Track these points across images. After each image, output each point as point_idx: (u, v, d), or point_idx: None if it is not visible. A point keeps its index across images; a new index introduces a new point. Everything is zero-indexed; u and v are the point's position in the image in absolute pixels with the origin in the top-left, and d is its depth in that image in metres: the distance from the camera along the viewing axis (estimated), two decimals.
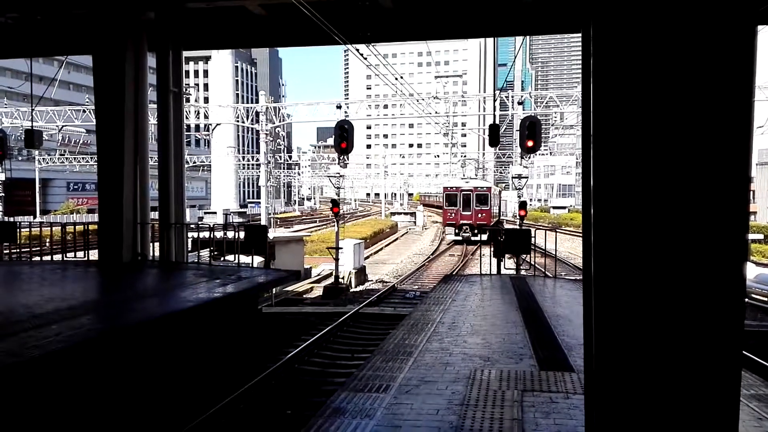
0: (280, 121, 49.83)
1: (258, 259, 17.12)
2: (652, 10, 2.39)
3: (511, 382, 6.34)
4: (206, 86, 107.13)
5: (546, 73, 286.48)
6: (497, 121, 17.91)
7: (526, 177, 38.36)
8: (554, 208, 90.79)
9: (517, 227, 19.11)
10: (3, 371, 6.51)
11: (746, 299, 15.98)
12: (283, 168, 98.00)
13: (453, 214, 44.56)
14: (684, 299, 2.41)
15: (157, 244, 16.54)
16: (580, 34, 2.82)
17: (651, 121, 2.41)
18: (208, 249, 18.78)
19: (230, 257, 17.58)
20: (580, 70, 2.81)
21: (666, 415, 2.46)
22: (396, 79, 30.16)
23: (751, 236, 30.02)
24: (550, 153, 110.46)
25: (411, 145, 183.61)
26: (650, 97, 2.41)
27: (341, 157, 20.52)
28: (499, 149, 76.96)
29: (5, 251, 18.97)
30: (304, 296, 22.22)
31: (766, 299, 16.15)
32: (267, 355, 11.59)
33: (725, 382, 2.42)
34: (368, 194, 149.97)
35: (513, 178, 37.69)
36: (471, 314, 10.15)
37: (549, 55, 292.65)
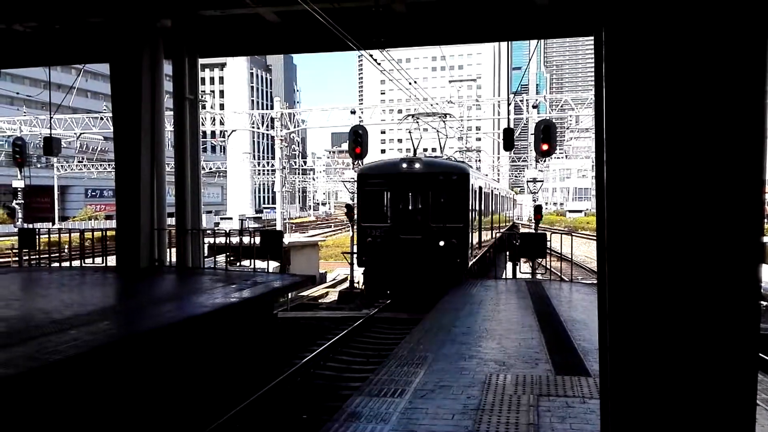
0: (294, 127, 50.09)
1: (273, 264, 17.21)
2: (664, 15, 2.39)
3: (527, 387, 6.31)
4: (222, 93, 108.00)
5: (561, 76, 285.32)
6: (512, 125, 17.87)
7: (542, 181, 38.08)
8: (570, 211, 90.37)
9: (532, 231, 19.05)
10: (22, 376, 6.60)
11: (764, 302, 15.78)
12: (298, 173, 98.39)
13: (376, 238, 16.86)
14: (698, 303, 2.40)
15: (174, 250, 16.67)
16: (593, 38, 2.82)
17: (663, 125, 2.41)
18: (225, 254, 18.90)
19: (246, 262, 17.67)
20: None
21: (681, 419, 2.45)
22: (410, 83, 30.18)
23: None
24: (566, 156, 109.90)
25: (425, 150, 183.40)
26: (662, 101, 2.41)
27: (356, 162, 20.59)
28: (514, 153, 76.74)
29: (25, 257, 19.21)
30: (320, 301, 22.27)
31: None
32: (283, 360, 11.63)
33: (741, 385, 2.40)
34: None
35: (528, 181, 37.49)
36: (486, 318, 10.12)
37: (564, 58, 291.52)
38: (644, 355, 2.48)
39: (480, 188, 19.05)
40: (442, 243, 16.04)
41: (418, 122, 20.12)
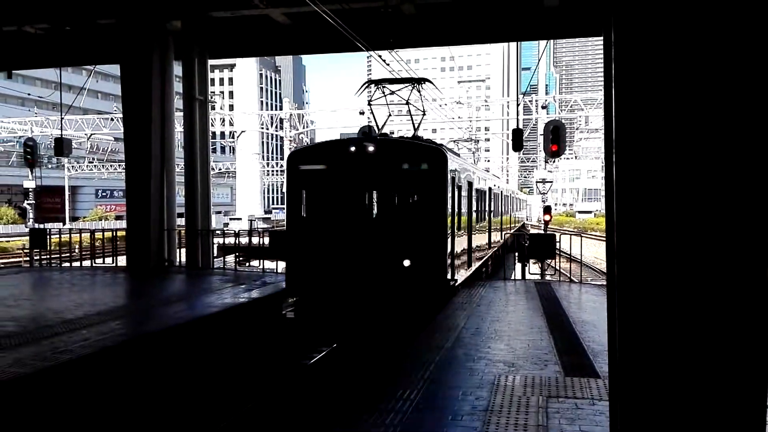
0: (303, 128, 50.20)
1: (282, 265, 17.24)
2: (673, 14, 2.38)
3: (536, 388, 6.29)
4: (231, 94, 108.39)
5: (570, 77, 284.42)
6: (521, 126, 17.85)
7: (551, 181, 37.98)
8: (580, 212, 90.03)
9: (541, 232, 18.97)
10: (34, 375, 6.65)
11: None
12: None
13: (311, 255, 11.63)
14: (709, 304, 2.39)
15: (183, 250, 16.75)
16: (602, 38, 2.82)
17: (673, 125, 2.40)
18: (234, 254, 18.96)
19: (255, 262, 17.73)
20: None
21: (692, 420, 2.44)
22: None
23: None
24: (576, 157, 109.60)
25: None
26: (672, 101, 2.40)
27: None
28: (523, 154, 76.57)
29: (36, 257, 19.34)
30: None
31: None
32: (291, 360, 11.64)
33: (752, 387, 2.39)
34: None
35: (537, 182, 37.38)
36: (495, 320, 10.10)
37: (573, 59, 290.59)
38: (654, 356, 2.47)
39: (470, 183, 14.41)
40: (407, 262, 11.04)
41: (384, 92, 13.93)
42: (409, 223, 11.35)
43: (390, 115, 14.57)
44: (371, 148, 11.35)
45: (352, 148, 11.44)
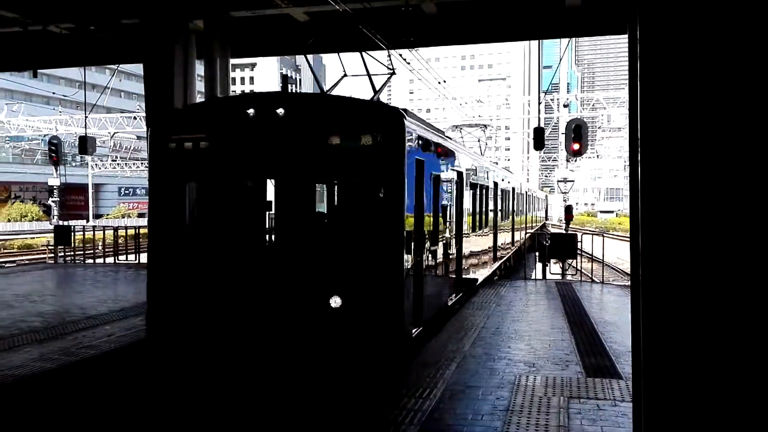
0: None
1: None
2: (701, 10, 2.34)
3: (557, 389, 6.25)
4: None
5: (592, 75, 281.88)
6: (542, 124, 17.71)
7: (572, 180, 37.66)
8: (601, 212, 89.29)
9: (563, 232, 18.80)
10: (59, 370, 6.74)
11: None
12: None
13: (185, 287, 7.24)
14: (737, 306, 2.35)
15: None
16: (626, 36, 2.79)
17: (702, 124, 2.36)
18: None
19: None
20: (627, 72, 2.77)
21: (718, 424, 2.41)
22: (439, 83, 30.10)
23: None
24: (597, 156, 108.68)
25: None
26: (700, 99, 2.36)
27: None
28: (544, 152, 76.09)
29: (60, 254, 19.62)
30: None
31: None
32: None
33: None
34: None
35: (559, 181, 37.11)
36: (515, 320, 10.05)
37: (595, 57, 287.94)
38: (680, 358, 2.44)
39: (459, 174, 10.50)
40: (337, 301, 6.72)
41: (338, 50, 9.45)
42: (343, 235, 7.22)
43: (345, 75, 10.53)
44: (282, 111, 6.97)
45: (251, 111, 7.07)
